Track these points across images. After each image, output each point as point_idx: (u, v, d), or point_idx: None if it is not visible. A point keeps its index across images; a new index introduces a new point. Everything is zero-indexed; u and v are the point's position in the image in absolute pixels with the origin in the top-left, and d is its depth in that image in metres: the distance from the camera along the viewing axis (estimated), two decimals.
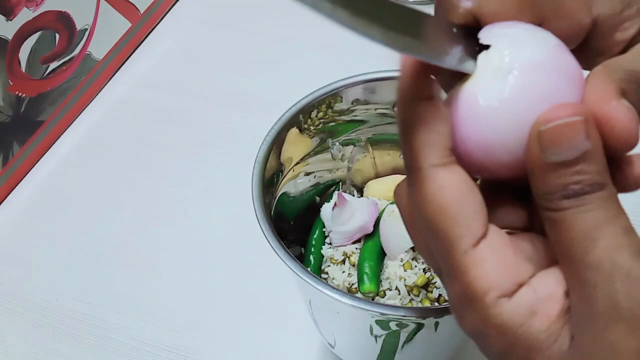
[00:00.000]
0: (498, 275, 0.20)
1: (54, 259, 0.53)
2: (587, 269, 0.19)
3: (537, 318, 0.19)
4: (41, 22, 0.57)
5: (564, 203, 0.19)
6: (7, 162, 0.57)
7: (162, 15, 0.71)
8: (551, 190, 0.19)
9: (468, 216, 0.20)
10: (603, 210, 0.19)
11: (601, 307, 0.18)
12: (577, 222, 0.19)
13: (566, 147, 0.19)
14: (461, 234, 0.20)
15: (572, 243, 0.19)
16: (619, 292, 0.18)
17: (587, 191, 0.19)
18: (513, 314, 0.19)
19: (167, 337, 0.48)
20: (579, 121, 0.19)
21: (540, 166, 0.19)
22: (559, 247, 0.19)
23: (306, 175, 0.43)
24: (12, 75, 0.56)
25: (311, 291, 0.33)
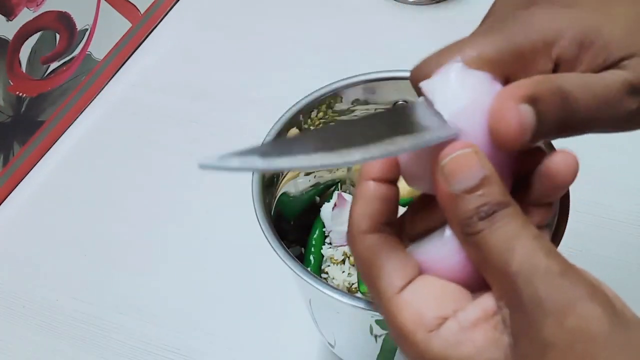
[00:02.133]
0: (421, 315, 0.22)
1: (54, 259, 0.53)
2: (511, 278, 0.20)
3: (464, 346, 0.21)
4: (42, 22, 0.57)
5: (479, 225, 0.21)
6: (8, 162, 0.57)
7: (163, 16, 0.71)
8: (465, 216, 0.21)
9: (390, 269, 0.23)
10: (513, 224, 0.21)
11: (529, 309, 0.20)
12: (494, 239, 0.21)
13: (465, 175, 0.21)
14: (385, 285, 0.23)
15: (494, 259, 0.21)
16: (540, 289, 0.20)
17: (495, 210, 0.21)
18: (442, 347, 0.22)
19: (168, 336, 0.48)
20: (470, 152, 0.21)
21: (449, 197, 0.22)
22: (485, 267, 0.22)
23: (306, 175, 0.43)
24: (12, 75, 0.56)
25: (311, 291, 0.33)
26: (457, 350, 0.22)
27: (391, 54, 0.62)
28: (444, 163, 0.22)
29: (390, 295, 0.23)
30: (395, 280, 0.23)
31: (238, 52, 0.67)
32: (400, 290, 0.23)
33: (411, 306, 0.22)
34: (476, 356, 0.21)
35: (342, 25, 0.68)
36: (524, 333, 0.20)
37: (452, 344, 0.22)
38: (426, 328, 0.22)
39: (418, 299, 0.23)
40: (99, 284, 0.52)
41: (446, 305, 0.23)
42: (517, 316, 0.21)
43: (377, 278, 0.23)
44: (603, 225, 0.51)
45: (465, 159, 0.21)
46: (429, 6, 0.69)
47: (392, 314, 0.23)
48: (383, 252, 0.23)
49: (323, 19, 0.69)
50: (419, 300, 0.23)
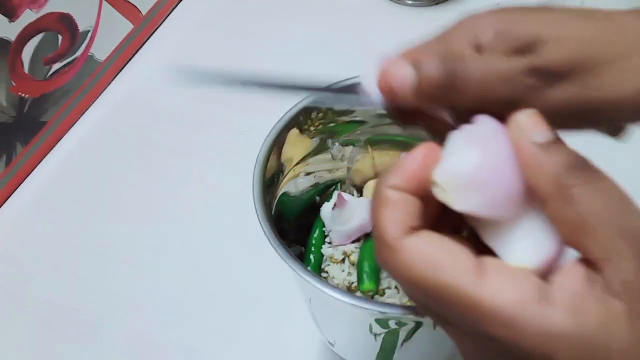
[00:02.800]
0: (520, 289, 0.20)
1: (55, 258, 0.54)
2: (635, 236, 0.19)
3: (588, 319, 0.19)
4: (44, 23, 0.57)
5: (577, 179, 0.20)
6: (10, 163, 0.58)
7: (165, 17, 0.71)
8: (561, 164, 0.20)
9: (454, 263, 0.20)
10: (616, 187, 0.20)
11: None
12: (603, 195, 0.20)
13: (544, 127, 0.21)
14: (462, 275, 0.20)
15: (610, 216, 0.20)
16: None
17: (586, 166, 0.21)
18: (568, 322, 0.19)
19: (168, 336, 0.48)
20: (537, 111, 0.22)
21: (536, 150, 0.21)
22: (589, 225, 0.20)
23: (306, 175, 0.43)
24: (15, 76, 0.56)
25: (311, 290, 0.33)
26: (585, 320, 0.19)
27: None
28: (521, 119, 0.21)
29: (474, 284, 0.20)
30: (470, 267, 0.20)
31: (239, 53, 0.67)
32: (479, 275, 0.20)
33: (504, 285, 0.20)
34: (606, 326, 0.19)
35: (342, 26, 0.68)
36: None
37: (576, 313, 0.19)
38: (534, 301, 0.19)
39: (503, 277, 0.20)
40: (99, 284, 0.52)
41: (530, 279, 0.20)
42: (637, 278, 0.19)
43: (449, 275, 0.20)
44: None
45: (536, 115, 0.22)
46: (428, 8, 0.69)
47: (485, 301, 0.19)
48: (434, 250, 0.21)
49: (323, 20, 0.69)
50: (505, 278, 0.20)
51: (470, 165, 0.21)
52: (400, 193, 0.22)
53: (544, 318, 0.19)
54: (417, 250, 0.21)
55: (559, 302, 0.19)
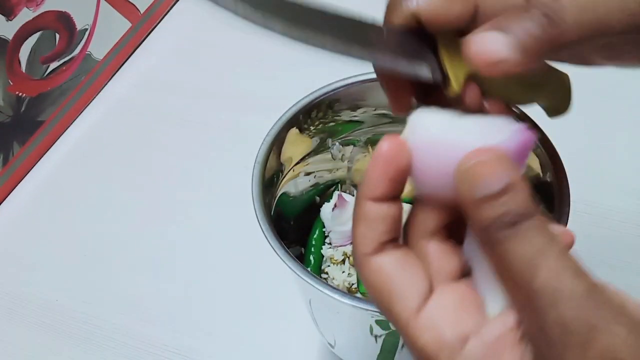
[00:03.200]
0: (443, 338, 0.21)
1: (54, 259, 0.53)
2: (535, 296, 0.19)
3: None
4: (41, 22, 0.57)
5: (499, 235, 0.20)
6: (7, 162, 0.57)
7: (162, 16, 0.71)
8: (485, 223, 0.20)
9: (402, 291, 0.22)
10: (538, 238, 0.20)
11: (553, 333, 0.19)
12: (518, 251, 0.20)
13: (489, 181, 0.20)
14: (399, 310, 0.22)
15: (516, 272, 0.20)
16: (567, 315, 0.19)
17: (517, 221, 0.20)
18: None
19: (167, 337, 0.48)
20: (495, 158, 0.21)
21: (471, 202, 0.21)
22: (507, 278, 0.21)
23: (306, 175, 0.43)
24: (12, 75, 0.56)
25: (311, 291, 0.33)
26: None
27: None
28: (467, 167, 0.21)
29: (407, 319, 0.22)
30: (409, 302, 0.22)
31: (237, 52, 0.67)
32: (416, 311, 0.22)
33: (430, 328, 0.22)
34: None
35: None
36: (547, 355, 0.20)
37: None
38: (449, 350, 0.21)
39: (436, 318, 0.22)
40: (99, 284, 0.52)
41: (465, 320, 0.22)
42: (540, 338, 0.20)
43: (390, 303, 0.22)
44: (603, 225, 0.51)
45: (489, 165, 0.21)
46: None
47: (412, 338, 0.22)
48: (391, 274, 0.23)
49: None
50: (437, 320, 0.22)
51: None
52: (376, 207, 0.23)
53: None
54: (378, 269, 0.23)
55: (470, 354, 0.21)
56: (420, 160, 0.23)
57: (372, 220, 0.23)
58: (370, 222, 0.23)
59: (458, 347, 0.21)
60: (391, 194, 0.23)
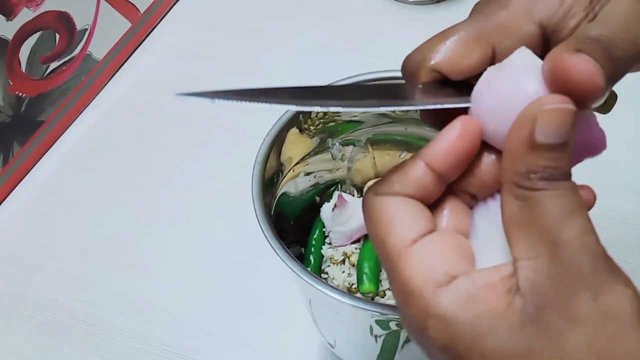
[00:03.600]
0: (432, 269, 0.21)
1: (54, 259, 0.53)
2: (559, 246, 0.20)
3: (478, 304, 0.20)
4: (41, 22, 0.57)
5: (540, 184, 0.20)
6: (8, 162, 0.57)
7: (162, 15, 0.71)
8: (531, 169, 0.20)
9: (402, 221, 0.22)
10: (574, 198, 0.21)
11: (569, 281, 0.20)
12: (554, 203, 0.20)
13: (556, 131, 0.20)
14: (395, 237, 0.22)
15: (547, 222, 0.20)
16: (586, 265, 0.20)
17: (560, 178, 0.21)
18: (452, 301, 0.21)
19: (167, 337, 0.48)
20: (573, 110, 0.20)
21: (528, 144, 0.20)
22: (528, 225, 0.21)
23: (306, 175, 0.43)
24: (12, 75, 0.56)
25: (311, 291, 0.33)
26: (467, 308, 0.20)
27: (391, 54, 0.62)
28: (547, 108, 0.20)
29: (399, 249, 0.22)
30: (406, 233, 0.22)
31: (237, 52, 0.67)
32: (411, 242, 0.22)
33: (421, 260, 0.21)
34: (489, 317, 0.20)
35: (342, 25, 0.68)
36: (554, 304, 0.20)
37: (463, 301, 0.20)
38: (435, 283, 0.21)
39: (429, 252, 0.22)
40: (99, 284, 0.52)
41: (459, 263, 0.22)
42: (550, 285, 0.20)
43: (387, 232, 0.22)
44: (603, 225, 0.50)
45: (564, 116, 0.20)
46: (429, 6, 0.69)
47: (399, 268, 0.22)
48: (396, 207, 0.23)
49: (323, 19, 0.69)
50: (430, 254, 0.22)
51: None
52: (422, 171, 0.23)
53: (431, 299, 0.21)
54: (385, 201, 0.23)
55: (458, 289, 0.21)
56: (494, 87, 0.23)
57: (411, 178, 0.23)
58: (402, 175, 0.23)
59: (444, 282, 0.21)
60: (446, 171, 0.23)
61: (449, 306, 0.21)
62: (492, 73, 0.23)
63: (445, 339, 0.21)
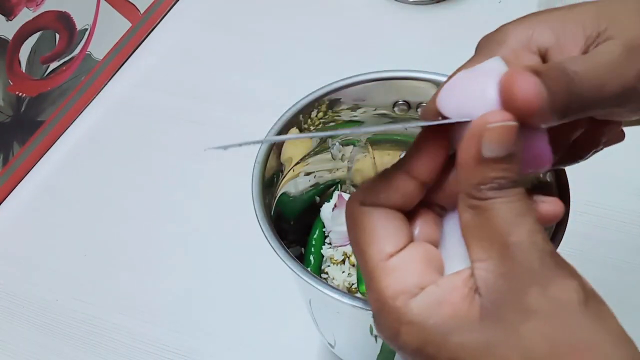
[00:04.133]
0: (405, 281, 0.23)
1: (54, 259, 0.53)
2: (510, 247, 0.22)
3: (444, 307, 0.22)
4: (41, 22, 0.57)
5: (490, 193, 0.22)
6: (8, 162, 0.57)
7: (163, 15, 0.71)
8: (481, 181, 0.22)
9: (382, 236, 0.24)
10: (522, 203, 0.22)
11: (520, 278, 0.21)
12: (503, 209, 0.22)
13: (501, 146, 0.22)
14: (375, 251, 0.24)
15: (497, 226, 0.22)
16: (535, 262, 0.21)
17: (509, 186, 0.22)
18: (422, 308, 0.22)
19: (167, 337, 0.48)
20: (515, 126, 0.22)
21: (476, 159, 0.22)
22: (479, 232, 0.23)
23: (306, 175, 0.43)
24: (12, 75, 0.56)
25: (311, 291, 0.33)
26: (435, 311, 0.22)
27: (391, 54, 0.62)
28: (491, 127, 0.22)
29: (378, 261, 0.24)
30: (385, 247, 0.24)
31: (238, 52, 0.67)
32: (388, 257, 0.24)
33: (396, 273, 0.23)
34: (454, 317, 0.22)
35: (342, 25, 0.68)
36: (508, 299, 0.21)
37: (431, 306, 0.22)
38: (408, 295, 0.23)
39: (404, 267, 0.23)
40: (99, 284, 0.52)
41: (429, 274, 0.23)
42: (502, 283, 0.22)
43: (368, 244, 0.24)
44: (603, 225, 0.51)
45: (506, 130, 0.22)
46: (429, 6, 0.69)
47: (375, 279, 0.23)
48: (379, 219, 0.24)
49: (323, 19, 0.69)
50: (404, 269, 0.23)
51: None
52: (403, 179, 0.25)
53: (402, 307, 0.23)
54: (368, 212, 0.24)
55: (427, 296, 0.23)
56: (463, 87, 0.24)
57: (393, 184, 0.25)
58: (387, 184, 0.25)
59: (415, 293, 0.23)
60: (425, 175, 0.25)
61: (419, 313, 0.22)
62: (462, 75, 0.24)
63: (416, 343, 0.22)
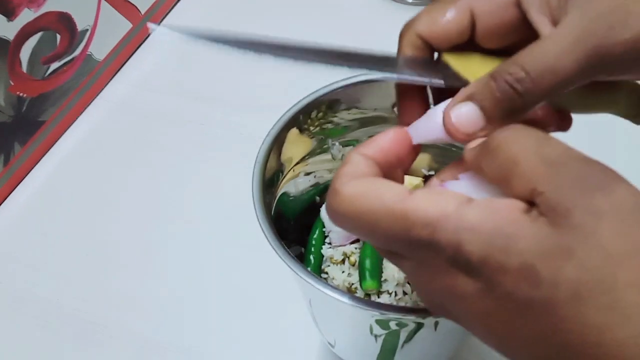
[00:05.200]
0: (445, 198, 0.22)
1: (54, 259, 0.54)
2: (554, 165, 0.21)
3: (502, 213, 0.21)
4: (42, 22, 0.57)
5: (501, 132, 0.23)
6: (8, 162, 0.57)
7: (163, 16, 0.71)
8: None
9: (388, 187, 0.23)
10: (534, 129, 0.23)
11: (578, 186, 0.20)
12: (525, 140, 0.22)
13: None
14: (392, 194, 0.22)
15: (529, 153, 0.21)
16: (585, 171, 0.21)
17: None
18: (478, 213, 0.21)
19: (167, 336, 0.48)
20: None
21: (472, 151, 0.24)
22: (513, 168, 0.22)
23: (306, 175, 0.43)
24: (13, 75, 0.56)
25: (311, 291, 0.33)
26: (495, 216, 0.21)
27: None
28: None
29: (402, 199, 0.22)
30: (400, 189, 0.23)
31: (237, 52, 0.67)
32: (409, 193, 0.22)
33: (429, 197, 0.22)
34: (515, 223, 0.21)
35: (341, 25, 0.68)
36: (574, 205, 0.20)
37: (487, 212, 0.21)
38: (454, 205, 0.21)
39: (431, 194, 0.22)
40: (99, 284, 0.52)
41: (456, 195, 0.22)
42: (561, 194, 0.20)
43: (380, 197, 0.22)
44: None
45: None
46: None
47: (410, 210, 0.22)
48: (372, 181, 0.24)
49: (322, 19, 0.69)
50: (434, 193, 0.22)
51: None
52: (362, 156, 0.25)
53: (458, 214, 0.21)
54: (354, 187, 0.23)
55: (479, 205, 0.21)
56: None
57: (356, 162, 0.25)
58: (353, 164, 0.25)
59: (464, 202, 0.21)
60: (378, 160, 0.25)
61: (475, 216, 0.21)
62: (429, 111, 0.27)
63: (481, 249, 0.20)
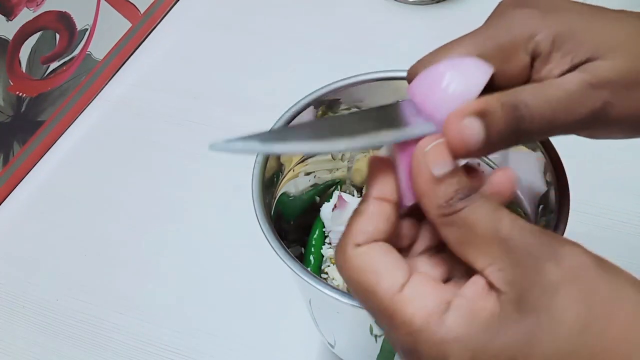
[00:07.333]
0: (428, 304, 0.23)
1: (54, 259, 0.53)
2: (505, 242, 0.22)
3: (479, 313, 0.22)
4: (41, 22, 0.57)
5: (460, 204, 0.23)
6: (8, 162, 0.57)
7: (163, 16, 0.71)
8: (447, 197, 0.23)
9: (389, 270, 0.24)
10: (490, 202, 0.23)
11: (529, 263, 0.22)
12: (478, 213, 0.23)
13: (446, 161, 0.23)
14: (387, 286, 0.23)
15: (482, 229, 0.23)
16: (533, 244, 0.22)
17: (470, 194, 0.23)
18: (458, 321, 0.22)
19: (167, 337, 0.48)
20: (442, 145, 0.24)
21: (433, 181, 0.23)
22: (468, 241, 0.23)
23: (306, 175, 0.43)
24: (12, 75, 0.56)
25: (311, 291, 0.33)
26: (473, 319, 0.22)
27: (391, 54, 0.63)
28: (428, 149, 0.24)
29: (393, 295, 0.23)
30: (396, 279, 0.23)
31: (238, 52, 0.67)
32: (402, 287, 0.23)
33: (416, 300, 0.23)
34: (491, 320, 0.22)
35: (342, 25, 0.68)
36: (530, 285, 0.21)
37: (467, 315, 0.22)
38: (437, 313, 0.22)
39: (420, 290, 0.23)
40: (99, 284, 0.52)
41: (444, 290, 0.24)
42: (517, 272, 0.22)
43: (376, 283, 0.24)
44: (603, 225, 0.51)
45: (442, 148, 0.24)
46: (429, 6, 0.69)
47: (398, 313, 0.23)
48: (378, 256, 0.24)
49: (323, 19, 0.69)
50: (421, 292, 0.23)
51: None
52: (380, 205, 0.25)
53: (440, 327, 0.22)
54: (364, 252, 0.24)
55: (458, 309, 0.22)
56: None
57: (372, 214, 0.25)
58: (370, 217, 0.25)
59: (444, 309, 0.23)
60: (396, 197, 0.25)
61: (459, 326, 0.22)
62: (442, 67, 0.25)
63: (468, 356, 0.22)
